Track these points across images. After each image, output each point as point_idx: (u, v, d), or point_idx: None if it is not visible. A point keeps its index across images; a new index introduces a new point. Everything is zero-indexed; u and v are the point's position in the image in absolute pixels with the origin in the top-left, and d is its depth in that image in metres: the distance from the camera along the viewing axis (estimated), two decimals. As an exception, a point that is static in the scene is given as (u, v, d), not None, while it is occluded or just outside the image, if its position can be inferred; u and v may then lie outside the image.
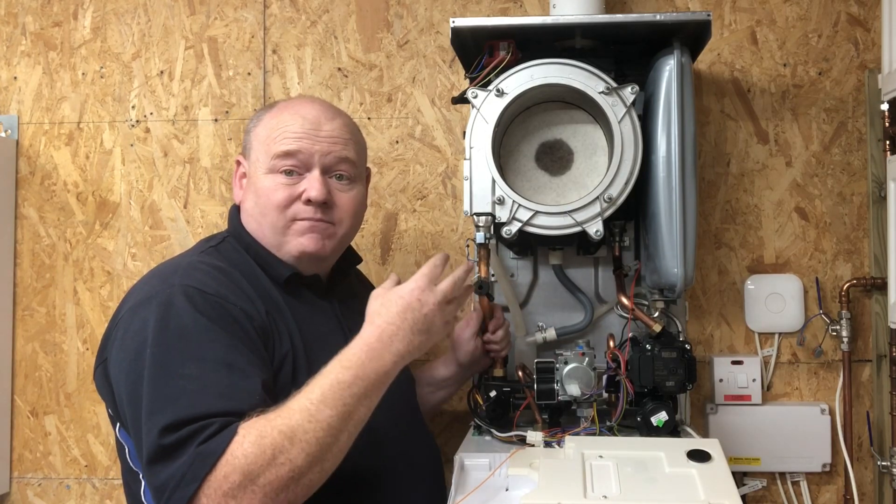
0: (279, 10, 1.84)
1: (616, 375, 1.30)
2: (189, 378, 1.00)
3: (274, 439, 0.94)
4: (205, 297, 1.08)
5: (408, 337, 1.08)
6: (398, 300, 1.10)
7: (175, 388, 0.99)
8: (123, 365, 1.05)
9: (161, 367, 1.01)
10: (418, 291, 1.11)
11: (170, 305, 1.06)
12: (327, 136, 1.24)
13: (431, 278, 1.14)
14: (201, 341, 1.03)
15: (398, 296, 1.11)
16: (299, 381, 1.12)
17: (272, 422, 0.96)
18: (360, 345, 1.06)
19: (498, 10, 1.80)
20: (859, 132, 1.72)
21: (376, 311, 1.11)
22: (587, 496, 1.02)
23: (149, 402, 0.99)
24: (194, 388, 0.99)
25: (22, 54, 1.88)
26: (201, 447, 0.93)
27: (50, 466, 1.84)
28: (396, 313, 1.09)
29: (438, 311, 1.12)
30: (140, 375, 1.02)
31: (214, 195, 1.83)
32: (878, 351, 1.69)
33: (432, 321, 1.12)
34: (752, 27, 1.75)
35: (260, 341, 1.10)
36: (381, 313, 1.10)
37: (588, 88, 1.28)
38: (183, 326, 1.04)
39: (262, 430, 0.95)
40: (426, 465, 1.31)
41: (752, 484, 1.70)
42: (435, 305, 1.12)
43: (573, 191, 1.35)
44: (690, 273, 1.29)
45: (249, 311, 1.11)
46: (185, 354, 1.02)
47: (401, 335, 1.08)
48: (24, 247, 1.87)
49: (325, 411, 0.98)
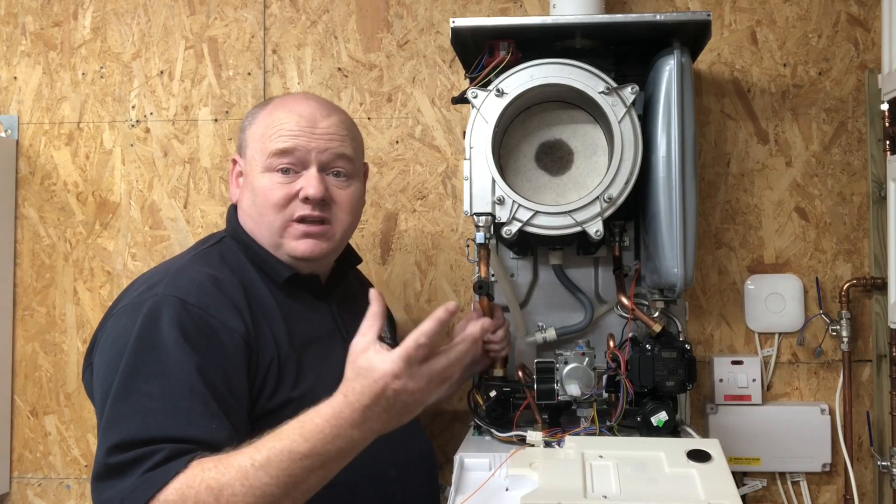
0: (279, 10, 1.84)
1: (616, 375, 1.30)
2: (150, 396, 0.99)
3: (198, 493, 0.90)
4: (186, 307, 1.06)
5: (382, 417, 0.96)
6: (372, 384, 0.94)
7: (133, 405, 0.99)
8: (101, 371, 1.06)
9: (127, 380, 1.01)
10: (392, 379, 0.93)
11: (150, 316, 1.05)
12: (323, 132, 1.23)
13: (411, 361, 0.95)
14: (171, 359, 1.02)
15: (373, 378, 0.94)
16: (286, 388, 1.13)
17: (205, 472, 0.92)
18: (326, 417, 0.94)
19: (498, 10, 1.80)
20: (859, 132, 1.72)
21: (350, 382, 0.96)
22: (587, 496, 1.02)
23: (108, 415, 1.00)
24: (152, 406, 0.99)
25: (22, 54, 1.88)
26: (147, 474, 0.93)
27: (50, 466, 1.84)
28: (370, 396, 0.94)
29: (421, 393, 0.96)
30: (111, 384, 1.02)
31: (214, 195, 1.83)
32: (878, 351, 1.69)
33: (413, 403, 0.97)
34: (752, 27, 1.75)
35: (240, 355, 1.08)
36: (355, 388, 0.95)
37: (588, 88, 1.28)
38: (157, 340, 1.03)
39: (190, 479, 0.91)
40: (419, 464, 1.31)
41: (752, 484, 1.70)
42: (415, 390, 0.95)
43: (573, 191, 1.35)
44: (690, 273, 1.29)
45: (231, 324, 1.09)
46: (153, 370, 1.01)
47: (374, 416, 0.95)
48: (24, 247, 1.87)
49: (263, 478, 0.91)
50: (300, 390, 1.13)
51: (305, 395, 1.12)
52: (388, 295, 1.72)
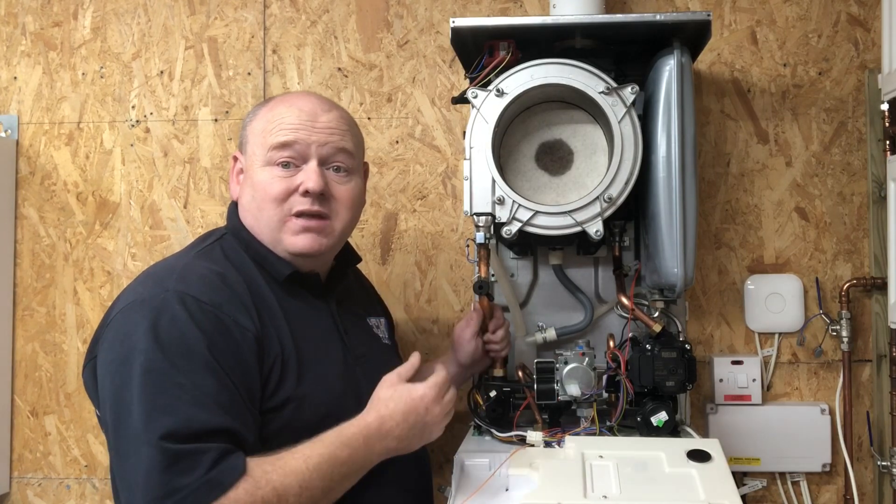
0: (279, 10, 1.84)
1: (616, 375, 1.30)
2: (183, 388, 1.00)
3: (265, 495, 0.98)
4: (200, 305, 1.07)
5: (403, 435, 1.13)
6: (408, 400, 1.13)
7: (170, 397, 0.99)
8: (112, 367, 1.05)
9: (155, 375, 1.01)
10: (428, 400, 1.14)
11: (163, 311, 1.05)
12: (324, 126, 1.23)
13: (441, 392, 1.17)
14: (195, 351, 1.03)
15: (409, 396, 1.14)
16: (288, 386, 1.13)
17: (268, 475, 1.00)
18: (361, 428, 1.10)
19: (498, 10, 1.80)
20: (859, 132, 1.72)
21: (384, 400, 1.14)
22: (587, 496, 1.02)
23: (144, 410, 0.99)
24: (189, 398, 0.99)
25: (22, 54, 1.88)
26: (211, 473, 0.96)
27: (50, 466, 1.84)
28: (401, 412, 1.12)
29: (439, 421, 1.17)
30: (127, 380, 1.01)
31: (214, 195, 1.83)
32: (878, 351, 1.69)
33: (431, 429, 1.16)
34: (752, 27, 1.75)
35: (252, 352, 1.09)
36: (389, 406, 1.13)
37: (588, 88, 1.29)
38: (177, 335, 1.03)
39: (257, 481, 0.99)
40: (414, 463, 1.30)
41: (752, 484, 1.70)
42: (438, 416, 1.16)
43: (573, 191, 1.35)
44: (690, 273, 1.29)
45: (242, 322, 1.10)
46: (179, 364, 1.02)
47: (397, 433, 1.12)
48: (24, 247, 1.87)
49: (316, 481, 1.03)
50: (301, 390, 1.13)
51: (306, 395, 1.13)
52: (388, 295, 1.72)
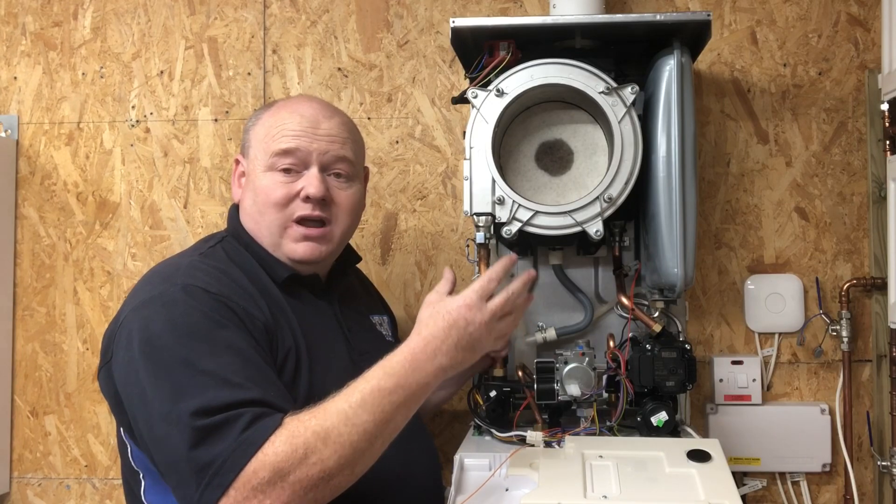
0: (279, 10, 1.84)
1: (616, 375, 1.30)
2: (209, 373, 0.99)
3: (307, 439, 0.95)
4: (209, 295, 1.08)
5: (451, 352, 1.07)
6: (446, 315, 1.08)
7: (199, 382, 0.99)
8: (132, 365, 1.04)
9: (177, 364, 1.00)
10: (465, 309, 1.08)
11: (175, 303, 1.06)
12: (325, 134, 1.24)
13: (483, 294, 1.10)
14: (214, 338, 1.03)
15: (446, 310, 1.09)
16: (302, 379, 1.13)
17: (305, 423, 0.97)
18: (405, 353, 1.05)
19: (498, 10, 1.80)
20: (859, 132, 1.72)
21: (424, 321, 1.09)
22: (587, 496, 1.02)
23: (170, 396, 0.98)
24: (216, 382, 0.99)
25: (22, 54, 1.88)
26: (244, 434, 0.94)
27: (50, 466, 1.84)
28: (442, 328, 1.07)
29: (486, 329, 1.10)
30: (150, 374, 1.01)
31: (214, 195, 1.83)
32: (878, 351, 1.69)
33: (478, 339, 1.10)
34: (752, 27, 1.75)
35: (264, 340, 1.10)
36: (429, 325, 1.08)
37: (588, 88, 1.29)
38: (192, 324, 1.04)
39: (294, 429, 0.96)
40: (424, 463, 1.31)
41: (752, 484, 1.70)
42: (482, 324, 1.09)
43: (573, 191, 1.35)
44: (690, 273, 1.29)
45: (252, 311, 1.11)
46: (200, 351, 1.01)
47: (444, 349, 1.06)
48: (24, 247, 1.87)
49: (363, 416, 0.98)
50: (312, 384, 1.14)
51: (315, 393, 1.13)
52: (388, 295, 1.72)
